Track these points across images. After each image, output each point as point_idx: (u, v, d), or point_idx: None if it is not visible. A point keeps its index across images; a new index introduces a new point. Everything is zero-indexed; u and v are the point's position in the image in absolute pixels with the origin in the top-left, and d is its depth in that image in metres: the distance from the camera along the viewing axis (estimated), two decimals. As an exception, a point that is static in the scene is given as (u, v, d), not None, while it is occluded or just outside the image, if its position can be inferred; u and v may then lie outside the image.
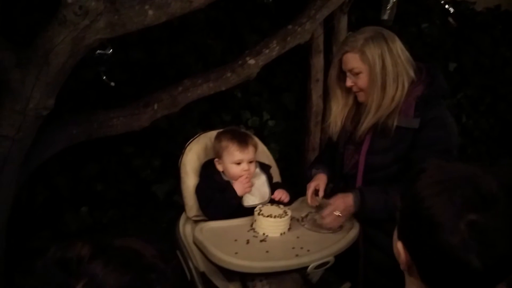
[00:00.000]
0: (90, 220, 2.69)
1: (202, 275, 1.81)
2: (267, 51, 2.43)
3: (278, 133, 3.15)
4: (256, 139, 1.95)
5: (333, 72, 1.79)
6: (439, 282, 0.85)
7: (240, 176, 1.81)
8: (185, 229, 1.91)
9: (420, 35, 3.51)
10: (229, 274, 1.71)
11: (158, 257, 0.86)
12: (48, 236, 2.53)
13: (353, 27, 2.72)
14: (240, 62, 2.41)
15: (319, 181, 1.86)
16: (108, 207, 2.77)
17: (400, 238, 0.89)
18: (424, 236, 0.82)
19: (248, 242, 1.64)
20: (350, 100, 1.82)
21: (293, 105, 3.14)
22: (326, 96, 2.92)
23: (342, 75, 1.76)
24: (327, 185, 1.88)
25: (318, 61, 2.82)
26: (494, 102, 4.03)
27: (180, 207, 1.96)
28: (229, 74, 2.39)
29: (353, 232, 1.71)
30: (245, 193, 1.81)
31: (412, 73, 1.68)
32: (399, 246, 0.89)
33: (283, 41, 2.46)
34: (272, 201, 1.83)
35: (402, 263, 0.89)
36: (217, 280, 1.78)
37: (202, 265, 1.81)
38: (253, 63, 2.41)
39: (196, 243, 1.69)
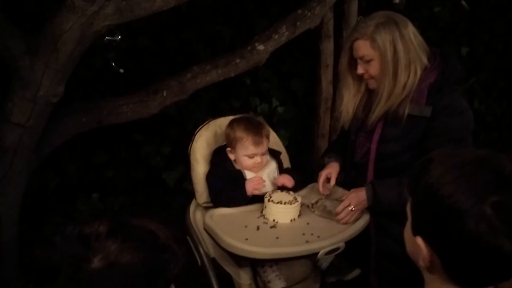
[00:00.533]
0: (101, 206, 2.71)
1: (213, 261, 1.82)
2: (276, 36, 2.40)
3: (288, 119, 3.14)
4: (268, 127, 1.93)
5: (344, 59, 1.75)
6: (467, 273, 0.81)
7: (253, 168, 1.81)
8: (195, 216, 1.91)
9: (432, 18, 3.45)
10: (239, 260, 1.72)
11: (172, 238, 0.89)
12: (60, 222, 2.56)
13: (364, 11, 2.68)
14: (249, 48, 2.38)
15: (331, 170, 1.85)
16: (119, 194, 2.80)
17: (418, 233, 0.84)
18: (448, 227, 0.78)
19: (258, 228, 1.65)
20: (362, 88, 1.78)
21: (303, 91, 3.11)
22: (336, 82, 2.90)
23: (353, 62, 1.72)
24: (339, 174, 1.87)
25: (328, 47, 2.79)
26: (507, 87, 3.97)
27: (190, 194, 1.97)
28: (238, 60, 2.37)
29: (364, 219, 1.70)
30: (255, 193, 1.78)
31: (425, 60, 1.64)
32: (419, 242, 0.83)
33: (292, 26, 2.43)
34: (281, 188, 1.83)
35: (423, 260, 0.83)
36: (227, 266, 1.79)
37: (212, 251, 1.82)
38: (262, 49, 2.38)
39: (207, 229, 1.69)
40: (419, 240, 0.83)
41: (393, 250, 1.67)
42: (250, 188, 1.77)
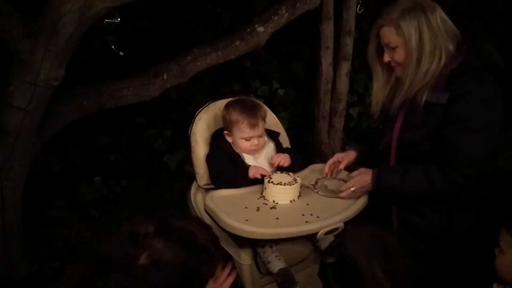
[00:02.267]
0: (104, 189, 2.74)
1: (214, 241, 1.84)
2: (276, 18, 2.39)
3: (288, 102, 3.14)
4: (265, 108, 1.94)
5: (372, 48, 1.70)
6: None
7: (251, 150, 1.82)
8: (196, 197, 1.93)
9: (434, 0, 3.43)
10: (240, 240, 1.74)
11: (211, 241, 1.02)
12: (63, 205, 2.60)
13: (364, -8, 2.66)
14: (249, 29, 2.38)
15: (345, 155, 1.86)
16: (121, 177, 2.82)
17: None
18: None
19: (258, 209, 1.66)
20: (392, 78, 1.73)
21: (303, 74, 3.11)
22: (336, 64, 2.89)
23: (381, 50, 1.67)
24: (353, 163, 1.87)
25: (328, 28, 2.77)
26: (508, 67, 3.94)
27: (192, 177, 1.99)
28: (237, 43, 2.37)
29: (363, 199, 1.71)
30: (255, 177, 1.78)
31: (451, 46, 1.56)
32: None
33: (292, 7, 2.42)
34: (281, 169, 1.84)
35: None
36: (228, 247, 1.81)
37: (213, 232, 1.84)
38: (262, 31, 2.38)
39: (207, 211, 1.71)
40: None
41: (416, 245, 1.67)
42: (253, 172, 1.78)
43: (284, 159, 1.84)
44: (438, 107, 1.55)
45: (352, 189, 1.69)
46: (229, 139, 1.85)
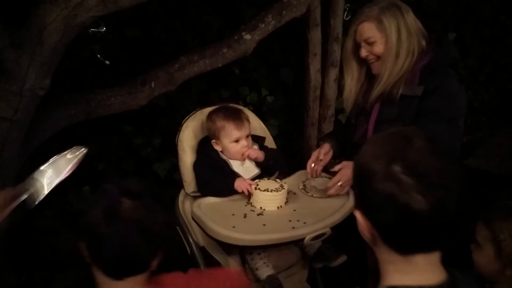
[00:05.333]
0: (92, 199, 2.72)
1: (202, 249, 1.84)
2: (262, 25, 2.41)
3: (277, 109, 3.15)
4: (246, 111, 1.96)
5: (349, 44, 1.80)
6: (397, 238, 0.83)
7: (242, 154, 1.83)
8: (184, 205, 1.94)
9: (419, 4, 3.46)
10: (228, 247, 1.75)
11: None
12: (51, 215, 2.57)
13: (350, -1, 2.69)
14: (236, 37, 2.39)
15: (323, 151, 1.90)
16: (110, 186, 2.80)
17: (356, 207, 0.89)
18: (366, 190, 0.83)
19: (245, 216, 1.67)
20: (363, 74, 1.84)
21: (292, 80, 3.12)
22: (324, 70, 2.90)
23: (357, 47, 1.77)
24: (332, 157, 1.93)
25: (315, 35, 2.79)
26: (494, 72, 4.00)
27: (181, 185, 1.99)
28: (225, 50, 2.38)
29: (349, 204, 1.73)
30: (241, 191, 1.79)
31: (423, 43, 1.71)
32: (356, 215, 0.88)
33: (278, 14, 2.44)
34: (267, 175, 1.85)
35: (364, 233, 0.88)
36: (216, 254, 1.81)
37: (201, 240, 1.84)
38: (249, 38, 2.39)
39: (195, 219, 1.72)
40: (357, 214, 0.88)
41: None
42: (240, 187, 1.78)
43: (255, 153, 1.85)
44: (413, 100, 1.67)
45: (339, 183, 1.74)
46: (218, 148, 1.86)
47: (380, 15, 1.66)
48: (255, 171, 1.85)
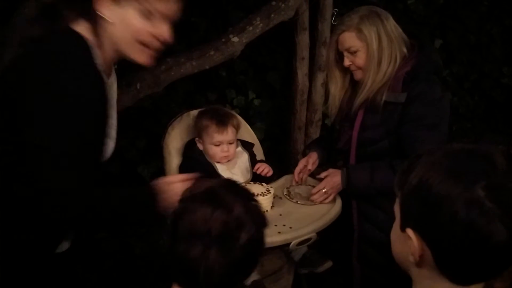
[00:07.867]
0: (75, 200, 2.67)
1: (187, 253, 1.81)
2: (250, 28, 2.40)
3: (264, 112, 3.14)
4: (239, 119, 1.94)
5: (331, 53, 1.80)
6: (458, 265, 0.77)
7: (221, 157, 1.82)
8: (169, 209, 1.91)
9: (406, 11, 3.49)
10: (213, 252, 1.72)
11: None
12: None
13: (339, 3, 2.69)
14: (223, 39, 2.38)
15: (310, 160, 1.91)
16: (93, 188, 2.76)
17: (408, 226, 0.81)
18: (438, 214, 0.75)
19: (231, 220, 1.65)
20: (347, 81, 1.85)
21: (279, 84, 3.12)
22: (311, 75, 2.90)
23: (340, 55, 1.78)
24: (318, 164, 1.93)
25: (303, 39, 2.79)
26: (479, 79, 4.04)
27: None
28: (212, 52, 2.36)
29: (335, 209, 1.72)
30: None
31: (404, 49, 1.71)
32: (409, 233, 0.79)
33: (266, 18, 2.43)
34: (255, 179, 1.83)
35: (413, 253, 0.80)
36: (201, 259, 1.79)
37: (186, 244, 1.81)
38: (236, 41, 2.38)
39: (180, 222, 1.69)
40: (410, 232, 0.80)
41: (375, 236, 1.76)
42: None
43: (268, 169, 1.87)
44: (396, 106, 1.68)
45: (323, 190, 1.75)
46: (200, 146, 1.85)
47: (359, 24, 1.67)
48: (240, 180, 1.83)
